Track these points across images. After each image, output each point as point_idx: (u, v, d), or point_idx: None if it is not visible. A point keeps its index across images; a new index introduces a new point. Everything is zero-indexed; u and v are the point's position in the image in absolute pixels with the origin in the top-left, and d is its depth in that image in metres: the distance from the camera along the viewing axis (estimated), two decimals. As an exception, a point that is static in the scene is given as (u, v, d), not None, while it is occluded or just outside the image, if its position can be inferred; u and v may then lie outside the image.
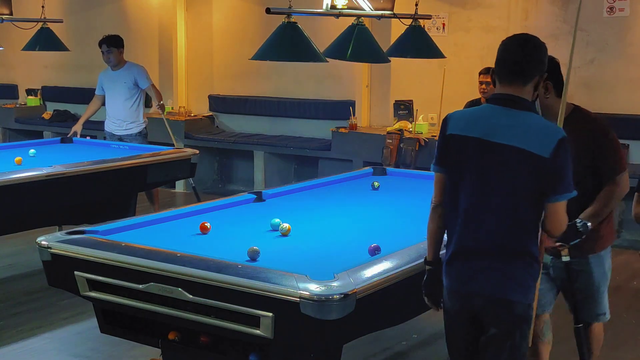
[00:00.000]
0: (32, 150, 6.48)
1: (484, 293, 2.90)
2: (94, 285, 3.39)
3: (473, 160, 2.88)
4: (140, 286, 3.19)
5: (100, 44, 7.34)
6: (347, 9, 4.96)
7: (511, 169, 2.84)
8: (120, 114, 7.44)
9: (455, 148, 2.93)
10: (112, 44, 7.29)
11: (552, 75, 3.41)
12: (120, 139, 7.37)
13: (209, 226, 3.83)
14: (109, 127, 7.55)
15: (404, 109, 8.25)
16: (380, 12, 5.33)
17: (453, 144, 2.94)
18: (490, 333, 2.94)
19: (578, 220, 3.39)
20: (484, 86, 7.08)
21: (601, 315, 3.77)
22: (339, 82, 9.01)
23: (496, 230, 2.87)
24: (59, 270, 3.50)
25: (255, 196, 4.64)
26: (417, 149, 7.72)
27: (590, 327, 3.79)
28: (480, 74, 7.13)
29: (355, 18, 4.99)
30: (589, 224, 3.41)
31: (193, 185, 7.19)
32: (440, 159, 2.99)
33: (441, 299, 3.11)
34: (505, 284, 2.87)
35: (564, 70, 3.35)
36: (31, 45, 8.09)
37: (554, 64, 3.41)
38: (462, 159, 2.91)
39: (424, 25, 5.68)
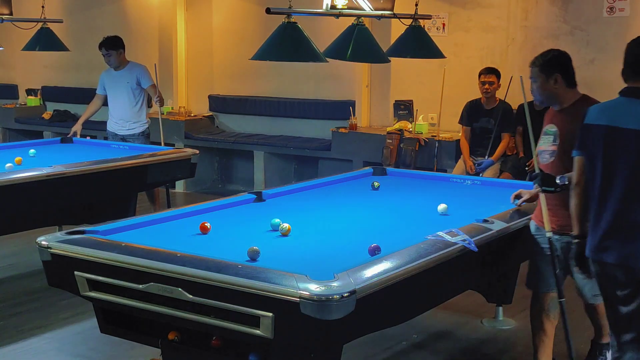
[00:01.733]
0: (32, 150, 6.48)
1: (618, 262, 3.32)
2: (94, 285, 3.39)
3: (602, 146, 3.35)
4: (140, 286, 3.19)
5: (100, 47, 7.33)
6: (347, 9, 4.95)
7: (634, 151, 3.28)
8: (123, 114, 7.43)
9: (590, 135, 3.41)
10: (111, 47, 7.27)
11: (562, 68, 3.98)
12: (123, 139, 7.36)
13: (209, 226, 3.83)
14: (111, 127, 7.55)
15: (404, 109, 8.25)
16: (380, 12, 5.32)
17: (589, 132, 3.42)
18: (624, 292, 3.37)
19: (559, 177, 3.81)
20: (487, 86, 7.07)
21: (598, 296, 3.83)
22: (339, 82, 9.01)
23: (623, 208, 3.30)
24: (59, 270, 3.50)
25: (255, 196, 4.64)
26: (417, 149, 7.72)
27: (595, 306, 4.14)
28: (481, 74, 7.13)
29: (355, 18, 4.98)
30: (567, 181, 3.76)
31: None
32: (580, 144, 3.49)
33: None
34: (634, 253, 3.29)
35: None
36: (31, 45, 8.10)
37: (564, 57, 4.04)
38: (595, 145, 3.38)
39: (424, 25, 5.68)
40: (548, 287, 4.04)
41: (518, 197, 4.36)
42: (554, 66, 3.97)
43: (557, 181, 3.81)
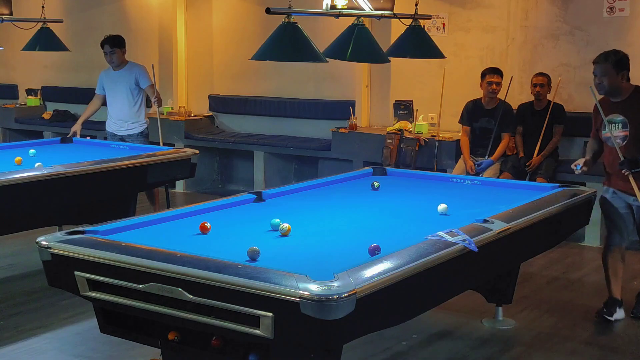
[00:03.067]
0: (32, 150, 6.48)
1: None
2: (94, 285, 3.39)
3: None
4: (140, 286, 3.19)
5: (103, 44, 7.33)
6: (347, 9, 4.95)
7: None
8: (123, 114, 7.44)
9: None
10: (116, 45, 7.29)
11: (627, 67, 4.96)
12: (122, 139, 7.37)
13: (209, 226, 3.83)
14: (110, 127, 7.55)
15: (404, 109, 8.25)
16: (380, 12, 5.32)
17: None
18: None
19: None
20: (494, 86, 7.04)
21: None
22: (339, 82, 9.01)
23: None
24: (59, 270, 3.50)
25: (255, 196, 4.64)
26: (417, 149, 7.72)
27: None
28: (486, 74, 7.08)
29: (355, 18, 4.98)
30: None
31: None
32: None
33: None
34: None
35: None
36: (31, 45, 8.10)
37: (627, 58, 4.99)
38: None
39: (424, 25, 5.67)
40: (622, 241, 5.17)
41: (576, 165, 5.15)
42: (623, 64, 4.95)
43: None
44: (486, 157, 7.12)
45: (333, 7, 4.88)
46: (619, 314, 5.20)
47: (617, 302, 5.22)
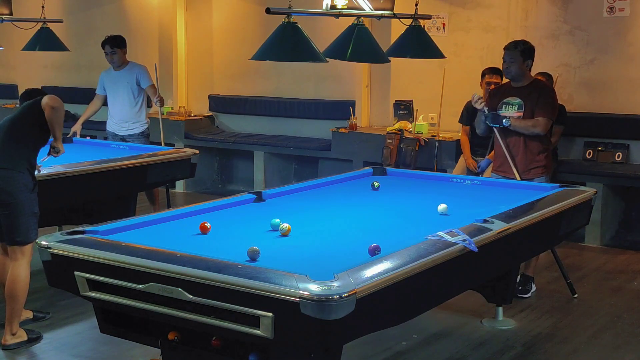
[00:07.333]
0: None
1: None
2: (94, 285, 3.39)
3: None
4: (140, 286, 3.19)
5: (104, 44, 7.33)
6: (347, 9, 4.95)
7: None
8: (123, 115, 7.43)
9: None
10: (116, 45, 7.29)
11: (532, 57, 5.66)
12: (123, 139, 7.36)
13: (209, 226, 3.83)
14: (111, 127, 7.55)
15: (404, 109, 8.24)
16: (380, 12, 5.32)
17: None
18: None
19: (504, 119, 5.49)
20: (492, 86, 6.97)
21: None
22: (339, 82, 9.01)
23: None
24: (59, 270, 3.50)
25: (255, 196, 4.64)
26: (417, 149, 7.71)
27: None
28: (485, 74, 7.01)
29: (355, 18, 4.98)
30: (510, 123, 5.47)
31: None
32: None
33: None
34: None
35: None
36: (31, 45, 8.10)
37: (533, 50, 5.67)
38: None
39: (424, 25, 5.68)
40: None
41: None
42: (529, 54, 5.60)
43: (503, 122, 5.48)
44: (486, 156, 7.10)
45: (333, 7, 4.88)
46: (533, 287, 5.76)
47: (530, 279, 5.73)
